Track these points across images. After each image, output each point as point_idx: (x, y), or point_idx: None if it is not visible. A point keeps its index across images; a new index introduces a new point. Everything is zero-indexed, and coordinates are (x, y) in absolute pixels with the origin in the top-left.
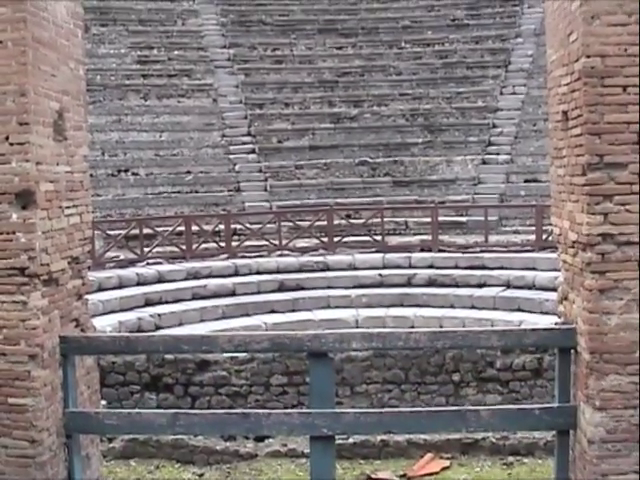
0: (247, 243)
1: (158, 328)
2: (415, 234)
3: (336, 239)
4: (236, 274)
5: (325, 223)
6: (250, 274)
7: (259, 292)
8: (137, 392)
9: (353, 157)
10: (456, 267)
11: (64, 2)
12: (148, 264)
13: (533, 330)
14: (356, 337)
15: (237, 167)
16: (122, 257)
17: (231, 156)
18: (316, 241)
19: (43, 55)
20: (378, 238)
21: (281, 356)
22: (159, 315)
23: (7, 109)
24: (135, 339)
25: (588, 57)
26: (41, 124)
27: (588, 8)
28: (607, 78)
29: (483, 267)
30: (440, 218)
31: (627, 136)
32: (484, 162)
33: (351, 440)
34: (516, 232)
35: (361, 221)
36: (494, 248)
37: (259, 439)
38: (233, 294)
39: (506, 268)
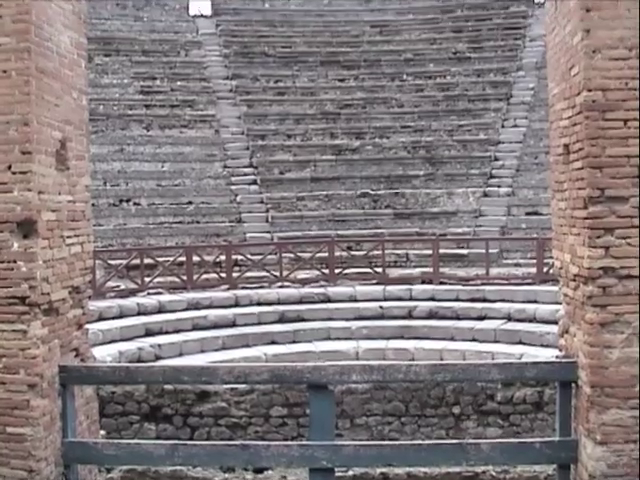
0: (248, 274)
1: (158, 358)
2: (416, 266)
3: (337, 271)
4: (237, 305)
5: (326, 255)
6: (251, 305)
7: (260, 323)
8: (136, 422)
9: (354, 189)
10: (457, 300)
11: (68, 32)
12: (149, 294)
13: (534, 363)
14: (356, 369)
15: (239, 198)
16: (123, 287)
17: (233, 187)
18: (317, 273)
19: (46, 85)
20: (379, 270)
21: (281, 387)
22: (159, 345)
23: (10, 138)
24: (135, 369)
25: (589, 91)
26: (44, 153)
27: (589, 42)
28: (608, 112)
29: (484, 300)
30: (441, 250)
31: (628, 170)
32: (485, 195)
33: (351, 473)
34: (517, 265)
35: (362, 253)
36: (495, 281)
37: (258, 471)
38: (233, 325)
39: (507, 301)
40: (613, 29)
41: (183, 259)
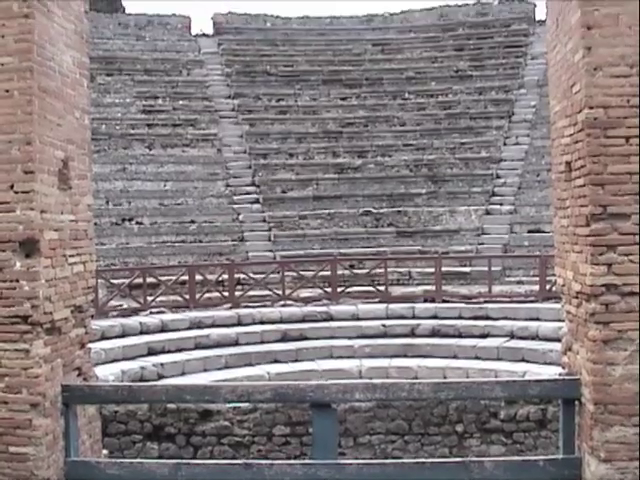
0: (251, 293)
1: (161, 377)
2: (419, 284)
3: (340, 289)
4: (239, 324)
5: (329, 273)
6: (253, 324)
7: (262, 342)
8: (139, 441)
9: (357, 207)
10: (460, 317)
11: (70, 52)
12: (151, 313)
13: (537, 381)
14: (359, 388)
15: (241, 217)
16: (125, 306)
17: (235, 206)
18: (319, 291)
19: (49, 104)
20: (381, 288)
21: (284, 406)
22: (162, 364)
23: (12, 157)
24: (138, 389)
25: (591, 108)
26: (46, 173)
27: (591, 60)
28: (610, 129)
29: (487, 317)
30: (444, 268)
31: (630, 187)
32: (488, 212)
33: None
34: (520, 282)
35: (365, 271)
36: (498, 298)
37: None
38: (236, 344)
39: (510, 318)
40: (614, 47)
41: (186, 278)
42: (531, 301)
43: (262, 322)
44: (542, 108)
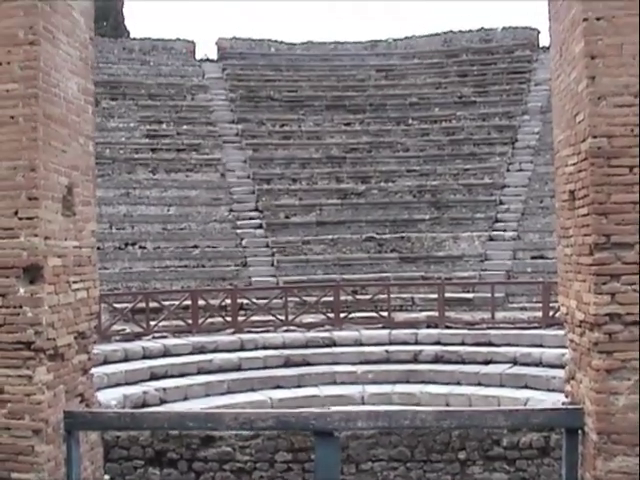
0: (253, 318)
1: (163, 402)
2: (421, 310)
3: (342, 315)
4: (242, 349)
5: (332, 299)
6: (256, 349)
7: (265, 367)
8: (141, 467)
9: (360, 233)
10: (463, 344)
11: (75, 79)
12: (154, 338)
13: (540, 410)
14: (362, 416)
15: (244, 242)
16: (128, 330)
17: (238, 231)
18: (322, 317)
19: (54, 131)
20: (384, 314)
21: (286, 432)
22: (164, 389)
23: (17, 184)
24: (140, 415)
25: (595, 137)
26: (50, 199)
27: (595, 89)
28: (614, 158)
29: (490, 344)
30: (447, 294)
31: (634, 216)
32: (491, 239)
33: None
34: (523, 309)
35: (368, 297)
36: (501, 325)
37: None
38: (239, 369)
39: (513, 345)
40: (618, 76)
41: (188, 303)
42: (534, 327)
43: (265, 347)
44: (545, 134)
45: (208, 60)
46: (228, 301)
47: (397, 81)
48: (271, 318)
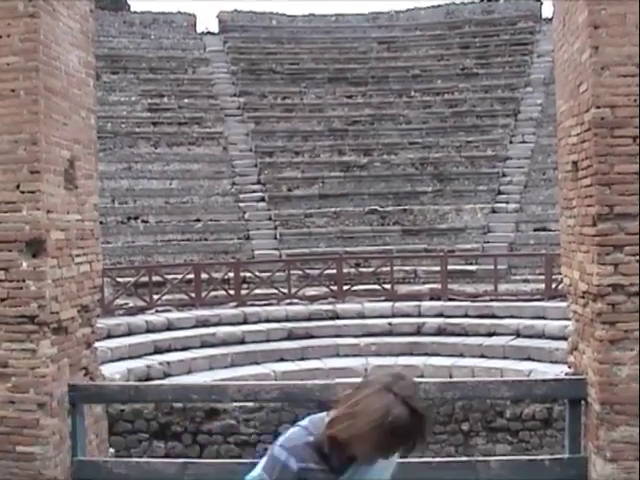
0: (256, 291)
1: (167, 376)
2: (424, 283)
3: (345, 287)
4: (245, 322)
5: (334, 271)
6: (259, 322)
7: (268, 340)
8: (145, 440)
9: (363, 206)
10: (466, 316)
11: (76, 51)
12: (157, 311)
13: (543, 381)
14: None
15: (247, 215)
16: (131, 304)
17: (241, 204)
18: (325, 289)
19: (55, 104)
20: (387, 287)
21: (290, 405)
22: (168, 363)
23: (18, 157)
24: (144, 388)
25: (598, 108)
26: (52, 172)
27: (598, 59)
28: (617, 129)
29: (493, 316)
30: (449, 267)
31: (637, 187)
32: (493, 211)
33: None
34: (526, 281)
35: (370, 270)
36: (504, 297)
37: None
38: (242, 342)
39: (516, 317)
40: (621, 46)
41: (191, 276)
42: (537, 299)
43: (268, 320)
44: (548, 106)
45: (209, 33)
46: (231, 274)
47: (399, 53)
48: (274, 291)
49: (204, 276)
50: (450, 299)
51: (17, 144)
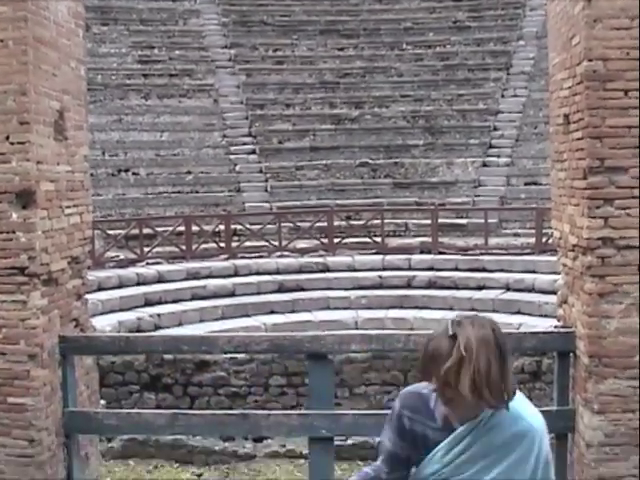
0: (247, 244)
1: (157, 328)
2: (415, 236)
3: (336, 240)
4: (236, 275)
5: (325, 224)
6: (250, 275)
7: (259, 293)
8: (136, 392)
9: (354, 158)
10: (456, 269)
11: (65, 1)
12: (148, 264)
13: (532, 334)
14: (355, 339)
15: (237, 168)
16: (122, 257)
17: (232, 156)
18: (316, 242)
19: (44, 54)
20: (378, 240)
21: (280, 357)
22: (158, 315)
23: (8, 108)
24: (135, 339)
25: (590, 61)
26: (42, 123)
27: (591, 12)
28: (609, 82)
29: (483, 269)
30: (440, 220)
31: (628, 140)
32: (485, 165)
33: (350, 442)
34: (516, 235)
35: (361, 222)
36: (494, 251)
37: (258, 440)
38: (233, 295)
39: (506, 271)
40: None
41: (182, 229)
42: (527, 253)
43: (258, 273)
44: (540, 60)
45: None
46: (222, 227)
47: (391, 6)
48: (265, 244)
49: (195, 228)
50: (440, 252)
51: (6, 95)
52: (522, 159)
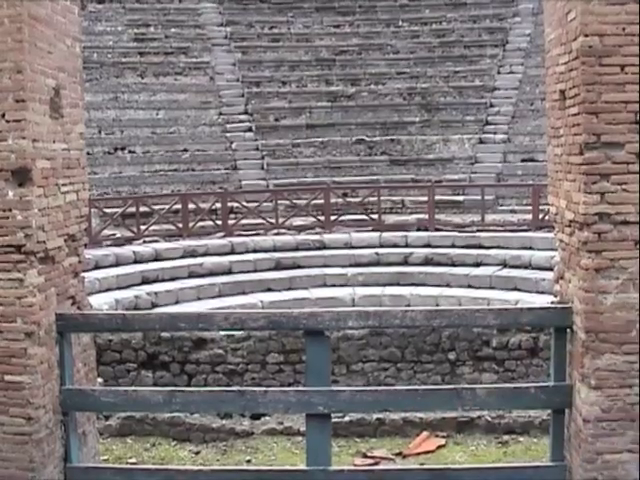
0: (244, 221)
1: (155, 306)
2: (412, 213)
3: (333, 218)
4: (232, 252)
5: (322, 202)
6: (247, 252)
7: (255, 270)
8: (133, 370)
9: (350, 136)
10: (453, 246)
11: None
12: (145, 242)
13: (529, 309)
14: (352, 315)
15: (234, 145)
16: (119, 235)
17: (228, 134)
18: (313, 219)
19: (39, 32)
20: (375, 217)
21: (277, 334)
22: (155, 293)
23: (3, 86)
24: (132, 317)
25: (586, 36)
26: (37, 101)
27: None
28: (605, 57)
29: (479, 246)
30: (437, 197)
31: (624, 115)
32: (481, 141)
33: (347, 418)
34: (513, 211)
35: (358, 200)
36: (491, 227)
37: (255, 417)
38: (229, 272)
39: (503, 247)
40: None
41: (179, 207)
42: (524, 230)
43: (255, 251)
44: (537, 37)
45: None
46: (218, 205)
47: None
48: (261, 221)
49: (191, 206)
50: (437, 229)
51: (2, 73)
52: (518, 135)
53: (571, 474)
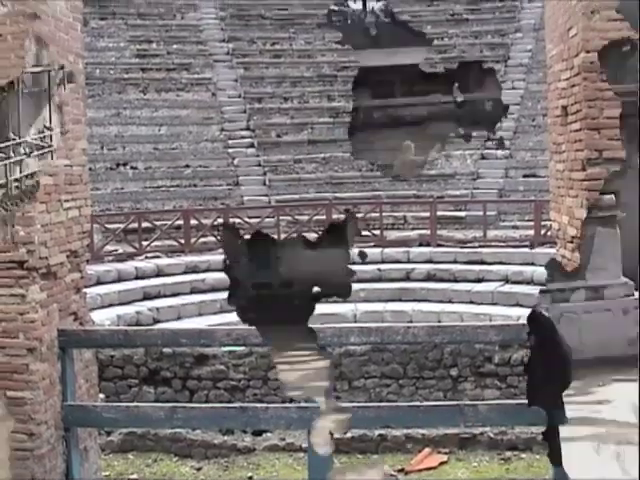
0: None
1: (156, 322)
2: (414, 229)
3: None
4: None
5: (324, 217)
6: None
7: None
8: (135, 386)
9: (352, 151)
10: (454, 262)
11: None
12: (147, 258)
13: None
14: (354, 331)
15: (236, 161)
16: (121, 251)
17: (230, 150)
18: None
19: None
20: (377, 232)
21: None
22: (157, 309)
23: None
24: (133, 333)
25: (588, 52)
26: None
27: (588, 3)
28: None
29: (481, 262)
30: (439, 213)
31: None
32: (483, 157)
33: (349, 434)
34: (515, 227)
35: (360, 215)
36: (492, 243)
37: (257, 433)
38: None
39: (504, 263)
40: None
41: (181, 223)
42: (526, 246)
43: None
44: (538, 52)
45: None
46: (220, 220)
47: None
48: None
49: (193, 222)
50: (439, 245)
51: None
52: (520, 151)
53: None
